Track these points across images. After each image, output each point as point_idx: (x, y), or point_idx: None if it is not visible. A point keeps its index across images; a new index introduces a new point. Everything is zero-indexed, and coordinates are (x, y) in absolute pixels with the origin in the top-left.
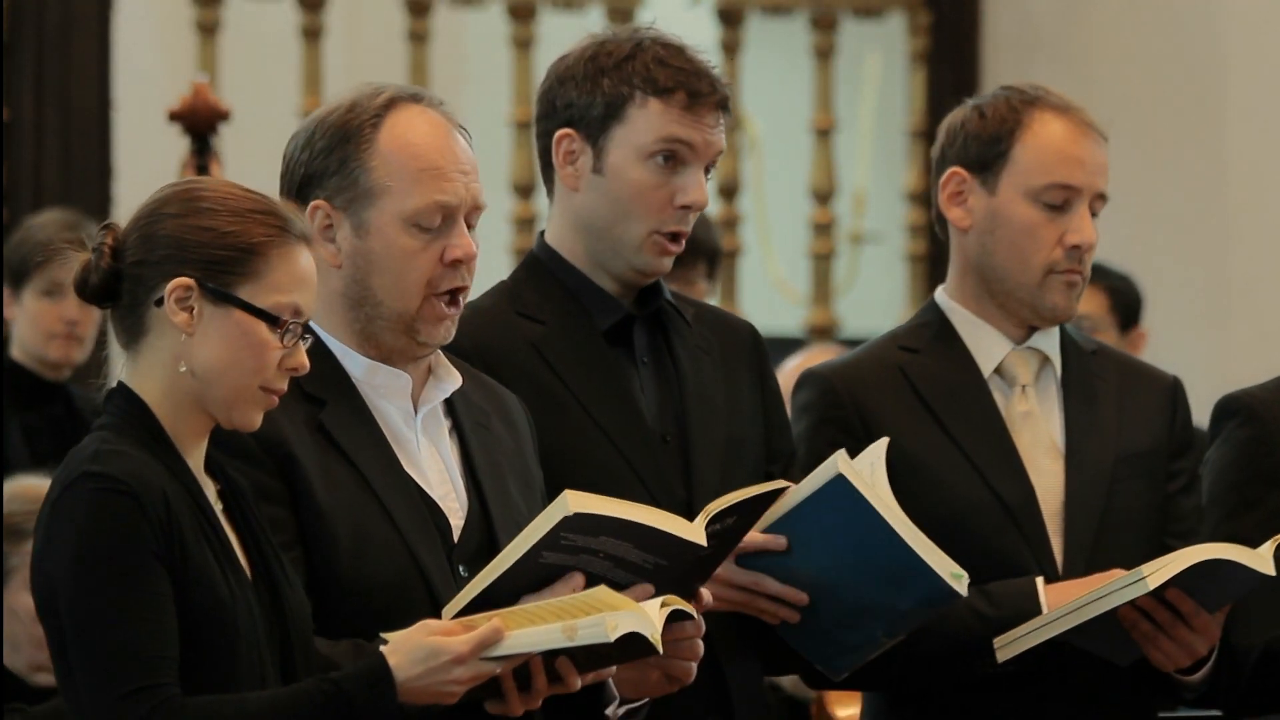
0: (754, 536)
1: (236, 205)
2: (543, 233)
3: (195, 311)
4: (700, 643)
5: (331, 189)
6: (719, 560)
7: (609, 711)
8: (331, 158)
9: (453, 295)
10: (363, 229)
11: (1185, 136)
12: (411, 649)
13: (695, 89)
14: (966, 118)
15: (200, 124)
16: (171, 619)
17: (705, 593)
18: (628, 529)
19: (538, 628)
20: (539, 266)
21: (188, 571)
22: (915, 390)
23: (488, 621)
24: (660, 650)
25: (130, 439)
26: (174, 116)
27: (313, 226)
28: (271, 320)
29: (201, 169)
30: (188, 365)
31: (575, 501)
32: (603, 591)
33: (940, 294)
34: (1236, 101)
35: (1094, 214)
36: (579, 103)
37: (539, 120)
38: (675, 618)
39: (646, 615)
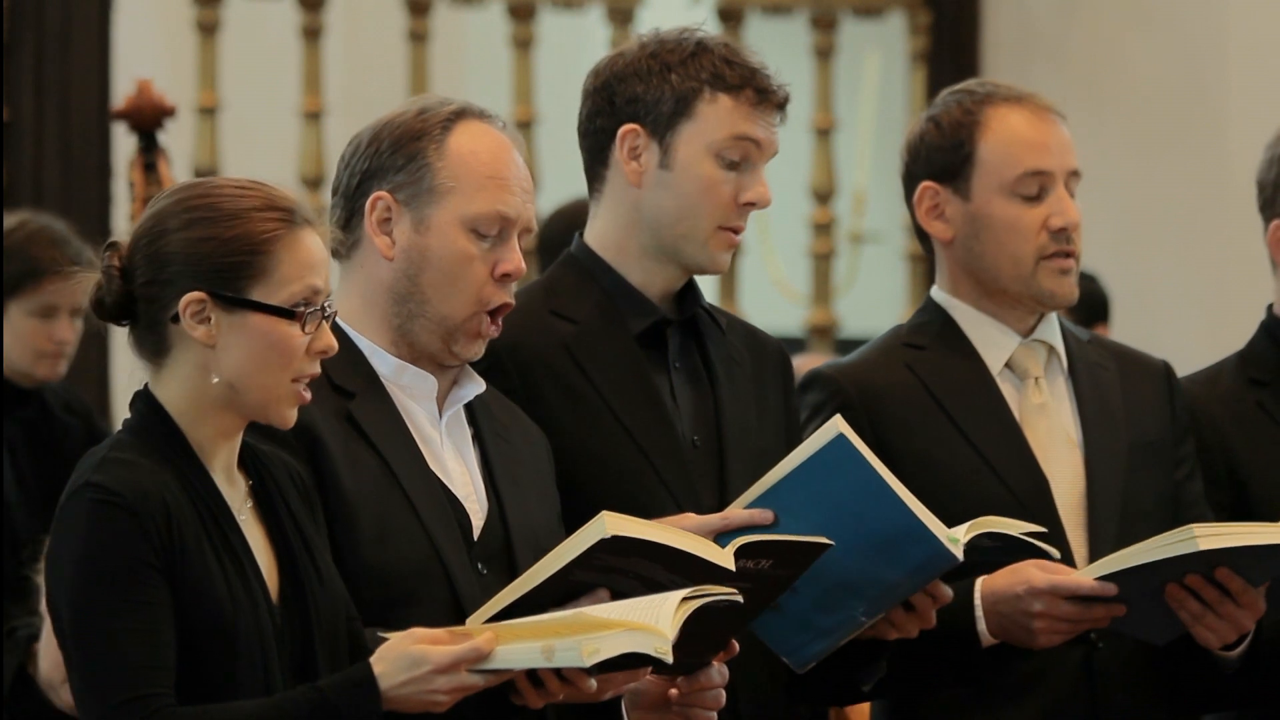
0: (738, 512)
1: (234, 206)
2: (580, 233)
3: (213, 323)
4: (723, 693)
5: (396, 183)
6: (755, 610)
7: None
8: (399, 154)
9: (494, 313)
10: (423, 225)
11: (1185, 136)
12: (396, 657)
13: (763, 87)
14: (924, 130)
15: (146, 121)
16: (168, 628)
17: (735, 645)
18: (660, 552)
19: (520, 645)
20: (576, 266)
21: (187, 580)
22: (925, 387)
23: (479, 634)
24: (669, 661)
25: (143, 445)
26: (119, 115)
27: (370, 217)
28: (289, 315)
29: (149, 166)
30: (220, 376)
31: (612, 524)
32: (603, 610)
33: (937, 291)
34: (1237, 101)
35: (1070, 193)
36: (646, 98)
37: (591, 118)
38: (699, 621)
39: (651, 630)
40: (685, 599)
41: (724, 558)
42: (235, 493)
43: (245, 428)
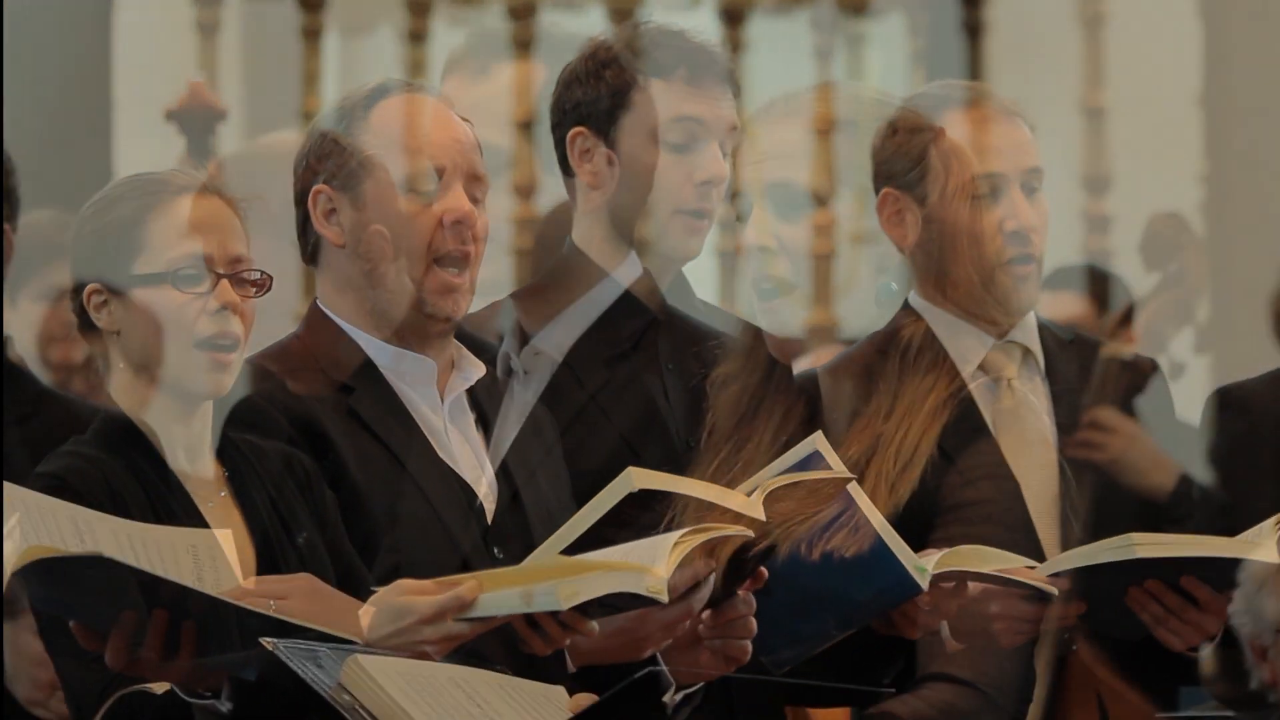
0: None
1: (115, 193)
2: (570, 236)
3: (111, 310)
4: (753, 621)
5: (329, 172)
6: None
7: (666, 698)
8: (325, 144)
9: (459, 265)
10: (360, 202)
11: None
12: (383, 609)
13: (694, 62)
14: (883, 138)
15: (196, 123)
16: (132, 587)
17: (763, 572)
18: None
19: (499, 592)
20: (566, 268)
21: None
22: None
23: (465, 582)
24: (665, 600)
25: (98, 442)
26: (171, 115)
27: (315, 213)
28: (161, 280)
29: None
30: (126, 362)
31: (639, 479)
32: (598, 553)
33: (914, 297)
34: (1238, 101)
35: (1035, 189)
36: (585, 99)
37: (553, 129)
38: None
39: (640, 569)
40: (681, 539)
41: (753, 508)
42: (204, 479)
43: (212, 413)
